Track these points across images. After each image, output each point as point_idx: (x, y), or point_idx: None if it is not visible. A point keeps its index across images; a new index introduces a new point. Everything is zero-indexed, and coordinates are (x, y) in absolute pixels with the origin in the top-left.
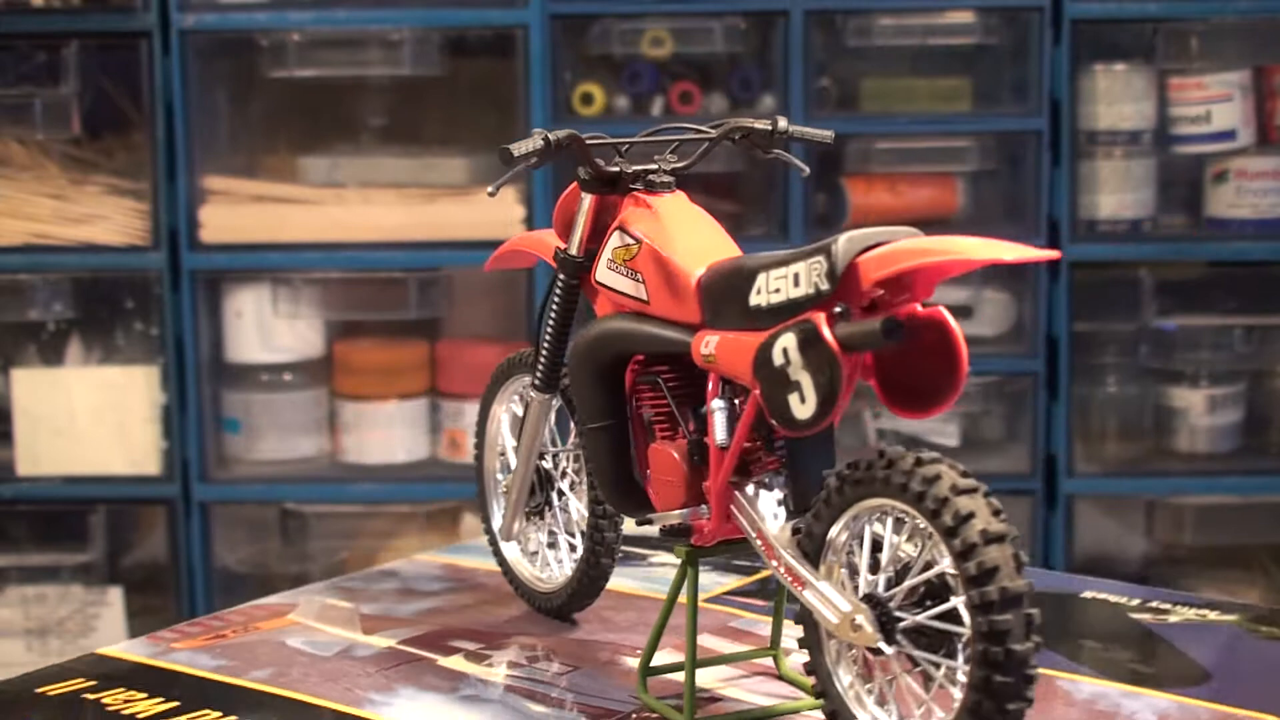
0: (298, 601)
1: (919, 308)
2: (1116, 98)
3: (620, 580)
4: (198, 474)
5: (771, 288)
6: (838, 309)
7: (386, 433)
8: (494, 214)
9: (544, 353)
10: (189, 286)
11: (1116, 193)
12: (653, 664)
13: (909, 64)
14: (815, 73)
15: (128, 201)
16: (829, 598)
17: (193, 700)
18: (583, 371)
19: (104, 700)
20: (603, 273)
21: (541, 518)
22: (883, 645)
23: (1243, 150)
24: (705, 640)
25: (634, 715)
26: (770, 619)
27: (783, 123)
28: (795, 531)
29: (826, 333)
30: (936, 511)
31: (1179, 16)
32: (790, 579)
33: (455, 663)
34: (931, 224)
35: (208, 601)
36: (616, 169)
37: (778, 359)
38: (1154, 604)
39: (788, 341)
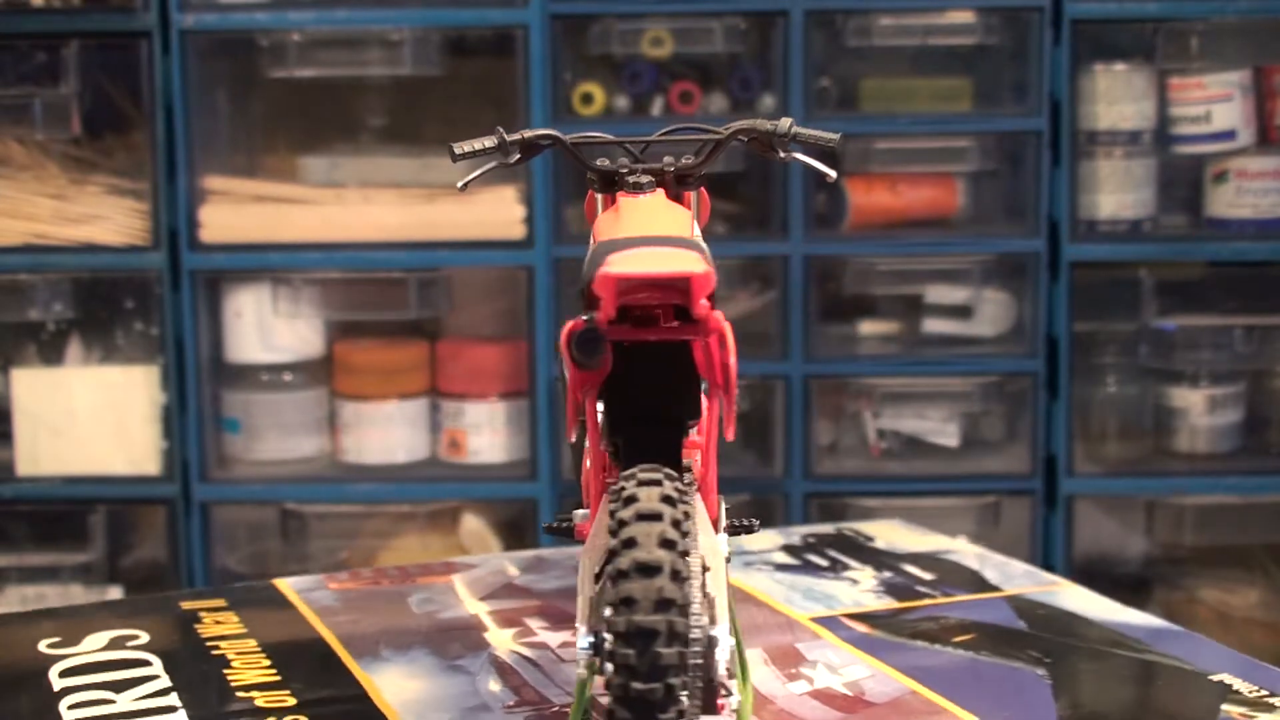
0: (479, 564)
1: (717, 318)
2: (1116, 98)
3: (754, 581)
4: (198, 474)
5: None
6: (584, 317)
7: (386, 433)
8: (494, 214)
9: None
10: (189, 286)
11: (1116, 193)
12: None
13: (909, 64)
14: (815, 73)
15: (128, 201)
16: (580, 613)
17: (255, 629)
18: (560, 366)
19: (204, 616)
20: None
21: None
22: (580, 665)
23: (1243, 150)
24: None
25: (558, 707)
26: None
27: (784, 124)
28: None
29: (563, 342)
30: (615, 531)
31: (1179, 16)
32: (579, 589)
33: (497, 636)
34: (932, 224)
35: None
36: (611, 169)
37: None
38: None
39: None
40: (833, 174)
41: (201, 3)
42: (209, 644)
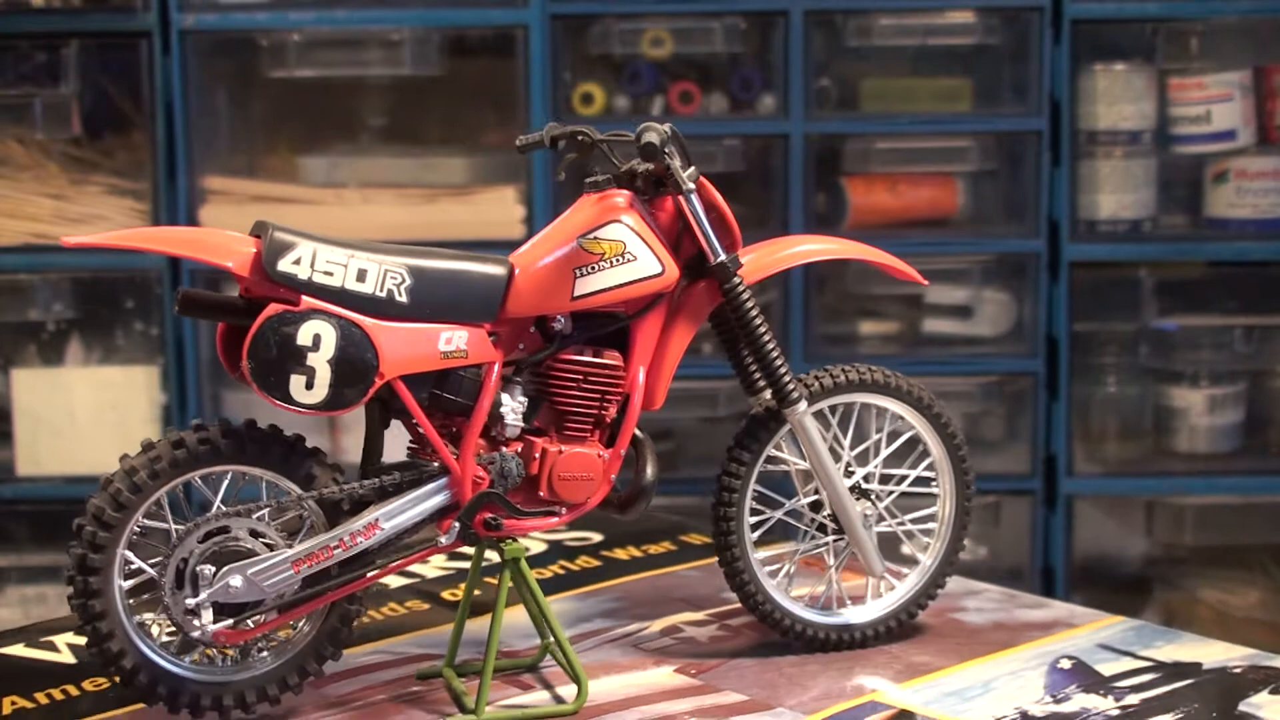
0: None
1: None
2: (1116, 98)
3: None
4: None
5: None
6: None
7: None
8: (494, 213)
9: None
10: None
11: (1116, 193)
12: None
13: (909, 64)
14: (815, 73)
15: (128, 201)
16: None
17: None
18: None
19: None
20: None
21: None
22: None
23: (1243, 150)
24: None
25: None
26: None
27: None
28: None
29: None
30: None
31: (1179, 16)
32: None
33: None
34: (932, 224)
35: None
36: (621, 169)
37: None
38: None
39: None
40: (691, 185)
41: (201, 3)
42: None
